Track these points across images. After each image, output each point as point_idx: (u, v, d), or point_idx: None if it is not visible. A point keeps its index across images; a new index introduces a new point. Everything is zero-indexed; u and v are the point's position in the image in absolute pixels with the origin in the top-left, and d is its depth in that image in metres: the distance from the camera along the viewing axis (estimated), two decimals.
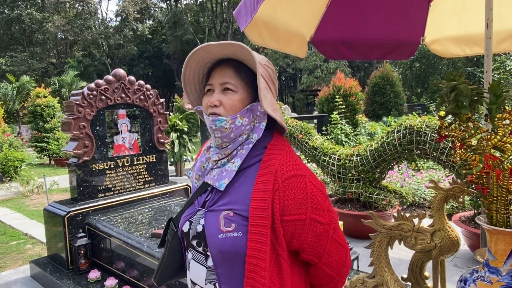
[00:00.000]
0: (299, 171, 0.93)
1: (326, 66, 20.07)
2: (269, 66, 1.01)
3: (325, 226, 0.94)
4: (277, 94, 1.06)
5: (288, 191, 0.91)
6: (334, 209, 0.99)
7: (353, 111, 9.20)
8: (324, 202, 0.94)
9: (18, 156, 9.41)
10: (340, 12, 2.46)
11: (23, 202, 7.17)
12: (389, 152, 3.90)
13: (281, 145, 1.00)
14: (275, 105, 1.00)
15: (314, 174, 0.98)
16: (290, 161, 0.95)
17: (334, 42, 2.59)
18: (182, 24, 31.99)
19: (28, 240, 4.91)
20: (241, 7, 1.72)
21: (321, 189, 0.95)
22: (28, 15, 31.20)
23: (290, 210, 0.90)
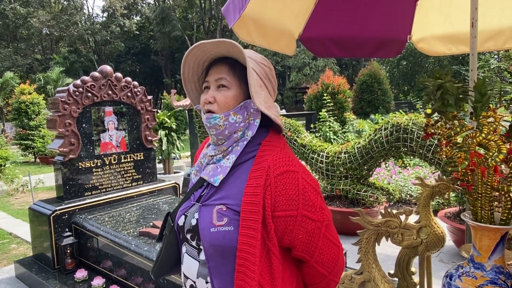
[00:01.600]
0: (291, 167, 0.93)
1: (315, 64, 20.14)
2: (266, 64, 1.02)
3: (317, 223, 0.94)
4: (275, 93, 1.07)
5: (280, 186, 0.91)
6: (327, 207, 0.99)
7: (341, 108, 9.26)
8: (316, 199, 0.94)
9: (2, 154, 9.20)
10: (329, 9, 2.47)
11: (8, 201, 7.03)
12: (377, 150, 3.93)
13: (276, 142, 1.00)
14: (270, 102, 1.01)
15: (308, 171, 0.98)
16: (283, 157, 0.95)
17: (322, 40, 2.60)
18: (170, 20, 31.68)
19: (12, 240, 4.82)
20: (229, 4, 1.71)
21: (313, 186, 0.95)
22: (12, 10, 30.52)
23: (282, 206, 0.91)
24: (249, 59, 0.98)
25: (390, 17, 2.61)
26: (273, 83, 1.05)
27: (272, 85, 1.04)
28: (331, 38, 2.60)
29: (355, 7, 2.49)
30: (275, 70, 21.86)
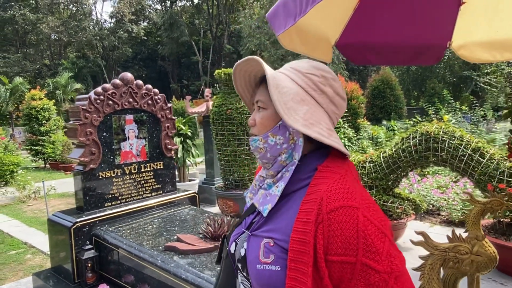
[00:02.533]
0: (349, 202, 0.78)
1: None
2: (315, 73, 0.89)
3: (382, 276, 0.75)
4: (335, 104, 0.91)
5: (334, 225, 0.77)
6: (399, 253, 0.79)
7: (354, 115, 9.12)
8: (382, 243, 0.76)
9: (14, 160, 9.19)
10: (366, 15, 2.36)
11: (20, 208, 6.96)
12: (404, 159, 3.80)
13: (336, 168, 0.85)
14: (315, 118, 0.86)
15: (375, 207, 0.81)
16: (341, 188, 0.80)
17: (358, 46, 2.49)
18: (178, 26, 31.81)
19: (28, 250, 4.73)
20: (278, 9, 1.60)
21: (379, 227, 0.78)
22: (22, 16, 30.81)
23: (336, 249, 0.76)
24: (284, 74, 0.89)
25: (430, 23, 2.49)
26: (329, 94, 0.89)
27: (327, 97, 0.89)
28: (368, 45, 2.49)
29: (393, 12, 2.38)
30: None
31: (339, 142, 0.87)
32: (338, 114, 0.92)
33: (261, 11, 28.60)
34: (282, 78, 0.88)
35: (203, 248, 2.97)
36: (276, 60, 22.91)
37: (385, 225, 0.79)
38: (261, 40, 22.57)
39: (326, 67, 0.92)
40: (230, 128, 5.31)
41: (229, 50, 33.03)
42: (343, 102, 0.92)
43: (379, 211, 0.82)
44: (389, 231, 0.80)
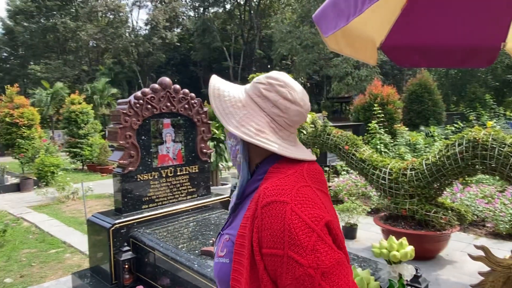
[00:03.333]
0: (280, 197, 0.81)
1: (357, 73, 19.61)
2: (263, 81, 0.96)
3: (307, 270, 0.76)
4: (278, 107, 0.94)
5: (265, 219, 0.81)
6: (328, 250, 0.79)
7: (391, 120, 8.84)
8: (307, 238, 0.77)
9: (54, 162, 9.58)
10: (414, 16, 2.25)
11: (59, 208, 7.22)
12: (449, 167, 3.61)
13: (285, 168, 0.90)
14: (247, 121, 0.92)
15: (313, 204, 0.82)
16: (277, 185, 0.84)
17: (405, 49, 2.38)
18: (210, 31, 32.34)
19: (66, 249, 4.87)
20: (327, 10, 1.54)
21: (307, 222, 0.78)
22: (63, 24, 32.36)
23: (267, 243, 0.80)
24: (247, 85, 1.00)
25: (482, 24, 2.34)
26: (272, 99, 0.93)
27: (268, 101, 0.93)
28: (415, 47, 2.37)
29: (444, 13, 2.25)
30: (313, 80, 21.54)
31: (266, 142, 0.90)
32: (286, 117, 0.94)
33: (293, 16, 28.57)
34: (227, 88, 0.98)
35: None
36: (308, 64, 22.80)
37: (316, 221, 0.80)
38: (292, 45, 22.52)
39: (280, 76, 0.96)
40: None
41: (260, 55, 33.17)
42: (290, 105, 0.93)
43: (316, 208, 0.82)
44: (320, 228, 0.80)
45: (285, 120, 0.94)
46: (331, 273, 0.78)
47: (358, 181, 6.20)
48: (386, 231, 4.03)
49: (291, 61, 28.29)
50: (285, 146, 0.93)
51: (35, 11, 33.14)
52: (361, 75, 19.41)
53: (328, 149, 4.75)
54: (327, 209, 0.86)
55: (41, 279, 3.93)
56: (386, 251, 2.45)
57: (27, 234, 5.55)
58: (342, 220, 4.76)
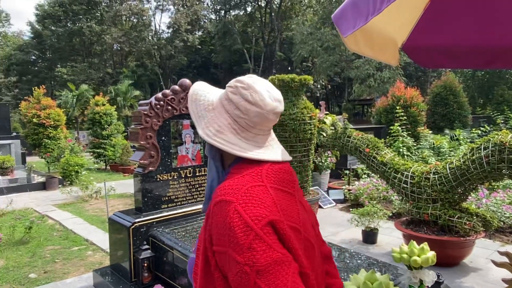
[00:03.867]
0: (227, 197, 0.85)
1: (380, 75, 19.29)
2: (230, 85, 1.00)
3: (243, 267, 0.79)
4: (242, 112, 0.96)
5: (214, 218, 0.86)
6: (266, 249, 0.80)
7: (414, 122, 8.65)
8: (244, 236, 0.80)
9: (78, 161, 9.84)
10: (438, 15, 2.19)
11: (83, 207, 7.41)
12: (474, 171, 3.49)
13: (243, 169, 0.94)
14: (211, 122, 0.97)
15: (259, 204, 0.84)
16: (228, 185, 0.88)
17: (429, 49, 2.31)
18: (231, 34, 32.55)
19: (89, 246, 4.99)
20: (346, 10, 1.52)
21: (247, 221, 0.81)
22: (88, 27, 33.28)
23: (216, 240, 0.85)
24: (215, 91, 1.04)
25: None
26: (234, 100, 0.97)
27: (232, 103, 0.97)
28: (440, 47, 2.31)
29: (471, 12, 2.18)
30: (334, 82, 21.30)
31: (222, 142, 0.94)
32: (246, 118, 0.96)
33: (314, 18, 28.42)
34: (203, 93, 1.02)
35: None
36: (329, 66, 22.61)
37: (257, 220, 0.82)
38: (313, 47, 22.39)
39: (246, 79, 0.99)
40: (283, 134, 5.25)
41: (281, 57, 33.13)
42: (250, 107, 0.95)
43: (261, 208, 0.84)
44: (260, 227, 0.81)
45: (246, 121, 0.96)
46: (267, 272, 0.79)
47: (379, 184, 6.09)
48: (407, 236, 3.93)
49: (312, 63, 28.12)
50: (245, 146, 0.95)
51: (62, 16, 34.23)
52: (384, 77, 19.07)
53: (348, 151, 4.69)
54: (279, 209, 0.87)
55: (64, 275, 4.04)
56: (407, 256, 2.39)
57: (52, 231, 5.71)
58: (362, 224, 4.69)
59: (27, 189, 9.13)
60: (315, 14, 31.40)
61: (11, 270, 4.20)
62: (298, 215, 0.93)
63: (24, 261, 4.46)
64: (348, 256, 3.29)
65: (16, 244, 5.05)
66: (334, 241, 4.62)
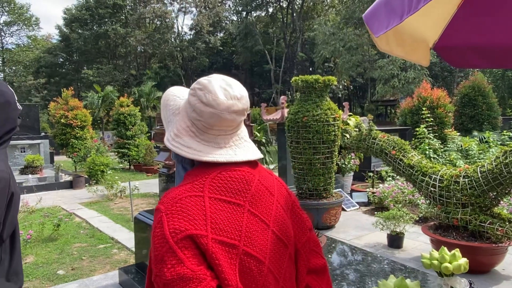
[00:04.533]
0: (161, 205, 0.87)
1: (404, 76, 18.88)
2: (192, 87, 0.97)
3: (155, 277, 0.82)
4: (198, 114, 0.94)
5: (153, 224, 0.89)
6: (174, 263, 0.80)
7: (441, 124, 8.41)
8: (160, 247, 0.81)
9: (104, 161, 10.08)
10: (473, 13, 2.11)
11: (108, 205, 7.57)
12: (508, 176, 3.35)
13: (192, 175, 0.93)
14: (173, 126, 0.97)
15: (184, 215, 0.83)
16: (168, 194, 0.90)
17: (461, 48, 2.23)
18: (252, 35, 32.65)
19: (114, 245, 5.09)
20: (378, 9, 1.48)
21: (165, 232, 0.81)
22: (113, 30, 34.10)
23: None
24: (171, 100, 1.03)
25: None
26: (191, 103, 0.94)
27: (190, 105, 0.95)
28: (473, 47, 2.22)
29: (506, 9, 2.09)
30: (357, 82, 20.97)
31: (177, 146, 0.93)
32: (203, 120, 0.93)
33: (337, 18, 28.13)
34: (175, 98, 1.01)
35: None
36: (351, 67, 22.34)
37: (174, 234, 0.81)
38: (335, 47, 22.16)
39: (204, 80, 0.96)
40: (306, 136, 5.20)
41: (302, 58, 32.97)
42: (203, 108, 0.92)
43: (185, 221, 0.82)
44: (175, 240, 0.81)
45: (202, 123, 0.94)
46: (171, 287, 0.79)
47: (405, 187, 5.94)
48: (435, 241, 3.82)
49: (334, 63, 27.84)
50: (201, 149, 0.92)
51: (88, 19, 35.21)
52: (408, 77, 18.64)
53: (373, 153, 4.60)
54: (208, 222, 0.84)
55: (90, 272, 4.13)
56: (437, 262, 2.31)
57: (79, 229, 5.86)
58: (387, 228, 4.59)
59: (55, 188, 9.42)
60: (337, 14, 31.07)
61: (40, 266, 4.33)
62: (238, 228, 0.87)
63: (53, 257, 4.60)
64: (372, 260, 3.23)
65: (45, 241, 5.21)
66: (358, 244, 4.54)
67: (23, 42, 39.56)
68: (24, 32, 39.35)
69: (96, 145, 11.82)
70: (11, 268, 1.45)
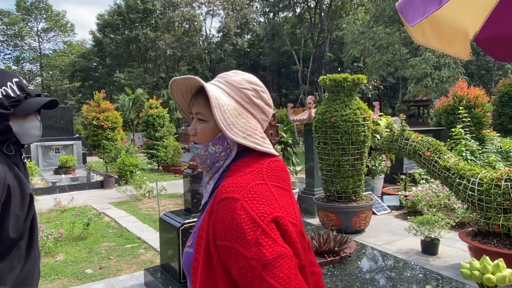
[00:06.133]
0: (233, 194, 0.89)
1: (438, 74, 18.13)
2: (248, 87, 1.01)
3: (250, 261, 0.83)
4: (266, 113, 1.03)
5: (219, 214, 0.89)
6: (272, 244, 0.84)
7: (478, 124, 7.98)
8: (251, 231, 0.84)
9: (133, 162, 10.27)
10: None
11: (136, 205, 7.68)
12: None
13: (245, 167, 0.97)
14: (252, 129, 0.99)
15: (265, 201, 0.88)
16: (233, 183, 0.91)
17: (505, 40, 2.04)
18: (280, 36, 32.52)
19: (141, 245, 5.12)
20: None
21: (254, 217, 0.85)
22: (144, 34, 34.96)
23: (220, 235, 0.88)
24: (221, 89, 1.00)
25: None
26: (260, 105, 1.01)
27: (259, 108, 1.02)
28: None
29: None
30: (387, 82, 20.38)
31: (269, 147, 1.00)
32: (266, 120, 1.04)
33: (366, 16, 27.53)
34: (221, 96, 0.98)
35: None
36: (381, 66, 21.76)
37: (263, 217, 0.85)
38: (365, 46, 21.66)
39: (256, 80, 1.03)
40: (334, 136, 5.04)
41: (330, 58, 32.50)
42: (270, 110, 1.03)
43: (266, 205, 0.87)
44: (266, 223, 0.85)
45: (266, 122, 1.04)
46: (272, 266, 0.83)
47: (440, 191, 5.65)
48: (474, 248, 3.57)
49: (363, 63, 27.24)
50: (270, 145, 1.02)
51: (120, 24, 36.29)
52: (442, 76, 17.87)
53: (406, 155, 4.38)
54: (280, 206, 0.91)
55: (117, 272, 4.16)
56: (479, 273, 2.13)
57: (107, 228, 5.96)
58: (421, 234, 4.35)
59: (87, 187, 9.69)
60: (367, 12, 30.43)
61: (69, 264, 4.41)
62: (294, 211, 0.98)
63: (82, 256, 4.68)
64: (405, 267, 3.05)
65: (75, 239, 5.33)
66: (389, 250, 4.33)
67: (59, 48, 41.39)
68: (60, 37, 41.18)
69: (126, 146, 12.09)
70: (19, 277, 1.36)
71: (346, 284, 2.64)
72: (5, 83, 1.36)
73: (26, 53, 39.78)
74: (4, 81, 1.36)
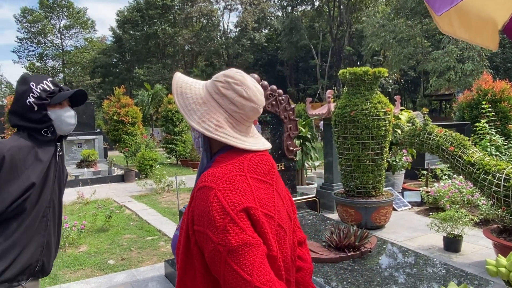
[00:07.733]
0: (209, 183, 0.95)
1: (461, 68, 17.57)
2: (221, 80, 1.06)
3: (216, 246, 0.90)
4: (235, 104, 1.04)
5: (196, 201, 0.96)
6: (238, 233, 0.90)
7: (504, 119, 7.71)
8: (220, 219, 0.90)
9: (153, 156, 10.42)
10: None
11: (156, 199, 7.81)
12: None
13: (228, 158, 1.02)
14: (208, 117, 1.03)
15: (239, 191, 0.94)
16: (213, 173, 0.97)
17: None
18: (298, 30, 32.21)
19: (161, 237, 5.21)
20: None
21: (224, 206, 0.91)
22: (162, 30, 35.26)
23: (196, 220, 0.94)
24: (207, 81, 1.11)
25: None
26: (229, 96, 1.04)
27: (227, 99, 1.04)
28: None
29: None
30: (408, 76, 19.95)
31: (224, 136, 1.02)
32: (242, 112, 1.04)
33: (387, 9, 26.96)
34: (191, 86, 1.07)
35: (327, 258, 2.78)
36: (402, 59, 21.29)
37: (233, 206, 0.91)
38: (385, 39, 21.22)
39: (237, 75, 1.06)
40: (354, 131, 4.98)
41: (349, 52, 32.02)
42: (245, 102, 1.04)
43: (239, 195, 0.93)
44: (235, 212, 0.91)
45: (241, 116, 1.05)
46: (236, 252, 0.88)
47: (463, 187, 5.51)
48: (499, 246, 3.47)
49: (384, 56, 26.73)
50: (241, 139, 1.04)
51: (139, 20, 36.70)
52: (466, 70, 17.30)
53: (429, 150, 4.29)
54: (255, 197, 0.96)
55: (138, 263, 4.25)
56: (506, 270, 2.07)
57: (129, 221, 6.08)
58: (444, 230, 4.26)
59: (108, 181, 9.90)
60: (387, 4, 29.78)
61: (92, 255, 4.52)
62: (273, 204, 1.02)
63: (104, 247, 4.79)
64: (426, 263, 2.99)
65: (98, 231, 5.46)
66: (411, 246, 4.26)
67: (81, 44, 42.17)
68: (82, 34, 41.92)
69: (145, 141, 12.26)
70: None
71: (366, 279, 2.61)
72: (41, 81, 1.65)
73: (49, 50, 40.74)
74: (41, 80, 1.65)
